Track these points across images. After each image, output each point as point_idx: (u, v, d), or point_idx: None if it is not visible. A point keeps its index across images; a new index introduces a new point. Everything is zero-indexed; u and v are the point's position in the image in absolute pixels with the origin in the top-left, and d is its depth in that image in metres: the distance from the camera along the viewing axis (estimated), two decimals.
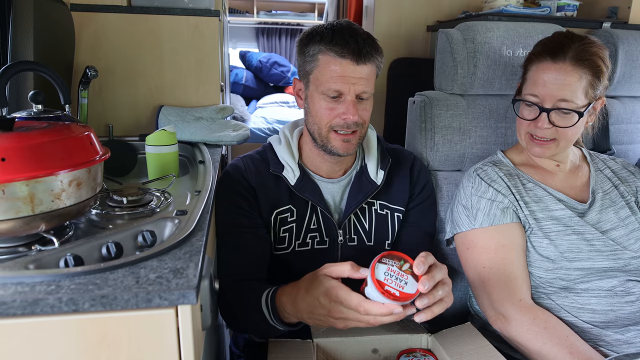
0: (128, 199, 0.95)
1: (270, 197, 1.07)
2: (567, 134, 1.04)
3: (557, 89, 1.01)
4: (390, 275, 0.75)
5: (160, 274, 0.59)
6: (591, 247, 1.03)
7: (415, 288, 0.74)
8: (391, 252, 0.78)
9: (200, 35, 1.47)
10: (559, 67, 1.01)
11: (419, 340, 0.99)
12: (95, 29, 1.41)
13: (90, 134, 0.78)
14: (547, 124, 1.03)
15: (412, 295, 0.74)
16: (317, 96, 1.00)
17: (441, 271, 0.80)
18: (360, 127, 1.02)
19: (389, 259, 0.77)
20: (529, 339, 0.97)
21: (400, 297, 0.73)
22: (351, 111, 0.98)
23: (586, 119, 1.06)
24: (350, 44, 0.95)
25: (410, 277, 0.75)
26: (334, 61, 0.96)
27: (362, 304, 0.74)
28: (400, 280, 0.75)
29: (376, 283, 0.74)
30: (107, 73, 1.44)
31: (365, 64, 0.96)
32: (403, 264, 0.77)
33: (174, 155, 1.18)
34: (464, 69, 1.28)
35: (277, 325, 0.89)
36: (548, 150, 1.06)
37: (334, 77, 0.96)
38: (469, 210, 1.10)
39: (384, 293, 0.73)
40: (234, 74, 4.23)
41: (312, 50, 0.99)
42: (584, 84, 1.01)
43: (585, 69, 1.01)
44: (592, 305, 1.02)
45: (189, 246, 0.68)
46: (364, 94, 0.99)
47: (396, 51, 1.87)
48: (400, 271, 0.76)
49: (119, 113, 1.49)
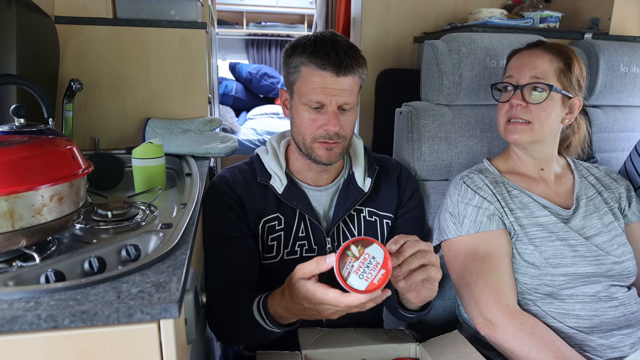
0: (113, 212, 0.94)
1: (257, 206, 1.07)
2: (540, 116, 1.07)
3: (529, 68, 1.09)
4: (357, 264, 0.73)
5: (142, 289, 0.58)
6: (575, 253, 1.04)
7: (381, 256, 0.73)
8: (355, 239, 0.74)
9: (187, 48, 1.47)
10: (532, 51, 1.12)
11: (407, 349, 0.98)
12: (80, 42, 1.40)
13: (73, 147, 0.77)
14: (521, 100, 1.08)
15: (385, 278, 0.72)
16: (300, 107, 1.01)
17: (417, 242, 0.82)
18: (343, 140, 1.03)
19: (355, 247, 0.74)
20: (516, 344, 0.97)
21: (373, 285, 0.72)
22: (332, 122, 0.99)
23: (561, 109, 1.10)
24: (331, 56, 0.96)
25: (367, 250, 0.73)
26: (315, 73, 0.97)
27: (340, 301, 0.73)
28: (370, 266, 0.72)
29: (342, 280, 0.72)
30: (93, 86, 1.43)
31: (345, 76, 0.97)
32: (369, 247, 0.74)
33: (160, 168, 1.17)
34: (450, 80, 1.29)
35: (274, 329, 0.89)
36: (524, 134, 1.09)
37: (315, 89, 0.97)
38: (455, 218, 1.11)
39: (352, 289, 0.72)
40: (224, 85, 4.23)
41: (295, 62, 1.00)
42: (555, 67, 1.08)
43: (555, 55, 1.10)
44: (576, 311, 1.03)
45: (172, 259, 0.67)
46: (346, 105, 1.00)
47: (384, 62, 1.89)
48: (360, 258, 0.73)
49: (106, 126, 1.48)
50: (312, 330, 1.01)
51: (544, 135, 1.10)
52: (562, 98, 1.09)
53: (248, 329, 0.91)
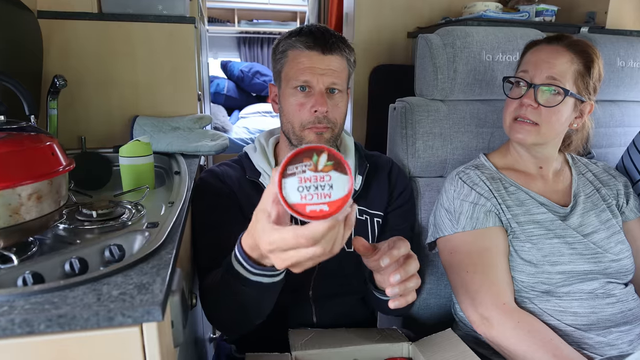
0: (98, 212, 0.91)
1: (249, 200, 1.04)
2: (550, 119, 1.03)
3: (547, 67, 1.03)
4: (307, 187, 0.53)
5: (124, 290, 0.55)
6: (572, 251, 1.02)
7: (347, 185, 0.53)
8: (294, 153, 0.53)
9: (174, 43, 1.44)
10: (553, 47, 1.05)
11: (400, 349, 0.96)
12: (64, 37, 1.36)
13: (53, 144, 0.74)
14: (532, 100, 1.03)
15: (346, 198, 0.53)
16: (288, 92, 1.01)
17: (415, 263, 0.74)
18: (333, 125, 1.01)
19: (297, 164, 0.53)
20: (513, 342, 0.96)
21: (331, 210, 0.52)
22: (320, 101, 0.98)
23: (571, 113, 1.06)
24: (317, 35, 0.98)
25: (332, 173, 0.53)
26: (302, 54, 0.98)
27: (299, 236, 0.54)
28: (323, 186, 0.53)
29: (293, 209, 0.53)
30: (78, 83, 1.39)
31: (332, 54, 0.99)
32: (318, 160, 0.53)
33: (148, 166, 1.14)
34: (444, 74, 1.27)
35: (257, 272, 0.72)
36: (530, 135, 1.05)
37: (301, 69, 0.98)
38: (451, 214, 1.08)
39: (311, 217, 0.52)
40: (215, 84, 4.19)
41: (281, 47, 1.02)
42: (573, 69, 1.03)
43: (577, 54, 1.04)
44: (574, 308, 1.01)
45: (157, 260, 0.64)
46: (334, 85, 1.00)
47: (377, 58, 1.86)
48: (318, 173, 0.53)
49: (92, 124, 1.45)
50: (302, 331, 0.99)
51: (549, 139, 1.08)
52: (575, 102, 1.05)
53: (231, 287, 0.75)
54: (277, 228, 0.56)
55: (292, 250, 0.55)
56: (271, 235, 0.56)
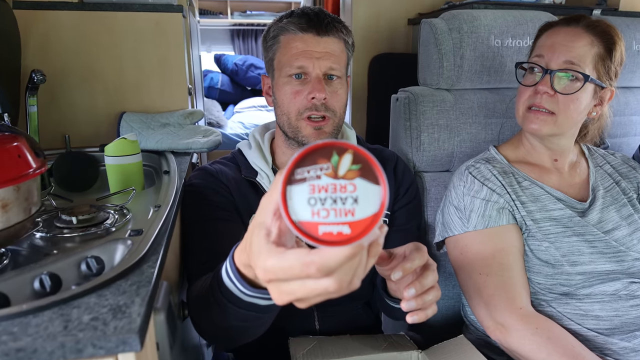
0: (78, 218, 0.83)
1: (246, 200, 0.97)
2: (568, 108, 0.95)
3: (565, 50, 0.94)
4: (322, 200, 0.38)
5: (96, 315, 0.48)
6: (593, 249, 0.95)
7: (378, 199, 0.38)
8: (306, 150, 0.38)
9: (162, 33, 1.35)
10: (571, 29, 0.96)
11: (409, 357, 0.90)
12: (44, 29, 1.28)
13: (20, 145, 0.66)
14: (549, 87, 0.95)
15: (376, 217, 0.38)
16: (282, 81, 0.93)
17: (433, 274, 0.65)
18: (332, 115, 0.93)
19: (309, 167, 0.38)
20: (532, 350, 0.88)
21: (354, 234, 0.38)
22: (317, 87, 0.90)
23: (590, 101, 0.98)
24: (310, 16, 0.90)
25: (358, 182, 0.38)
26: (295, 37, 0.91)
27: (307, 263, 0.38)
28: (344, 200, 0.38)
29: (300, 230, 0.38)
30: (60, 78, 1.31)
31: (328, 36, 0.91)
32: (339, 162, 0.39)
33: (136, 166, 1.07)
34: (450, 62, 1.19)
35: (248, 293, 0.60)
36: (545, 125, 0.97)
37: (295, 54, 0.90)
38: (461, 212, 1.01)
39: (325, 241, 0.38)
40: (209, 78, 4.09)
41: (272, 32, 0.94)
42: (594, 53, 0.95)
43: (598, 36, 0.95)
44: (595, 312, 0.94)
45: (137, 275, 0.57)
46: (332, 70, 0.92)
47: (376, 47, 1.78)
48: (338, 181, 0.38)
49: (77, 122, 1.36)
50: (304, 340, 0.92)
51: (566, 129, 0.99)
52: (595, 88, 0.97)
53: (221, 306, 0.64)
54: (277, 251, 0.40)
55: (297, 281, 0.40)
56: (269, 259, 0.40)
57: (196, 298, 0.75)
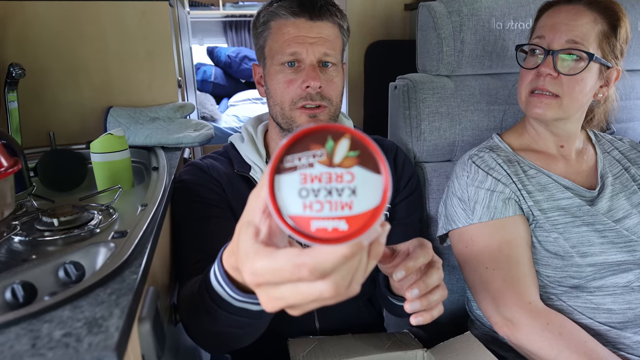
0: (60, 219, 0.78)
1: (240, 196, 0.92)
2: (573, 90, 0.91)
3: (567, 29, 0.90)
4: (315, 191, 0.33)
5: (69, 330, 0.43)
6: (603, 239, 0.91)
7: (379, 190, 0.33)
8: (297, 134, 0.34)
9: (148, 23, 1.29)
10: (572, 7, 0.91)
11: (414, 356, 0.86)
12: (22, 21, 1.21)
13: None
14: (552, 69, 0.90)
15: (377, 211, 0.33)
16: (274, 69, 0.88)
17: (437, 273, 0.60)
18: (328, 103, 0.89)
19: (300, 153, 0.34)
20: (543, 347, 0.85)
21: (352, 230, 0.33)
22: (312, 75, 0.85)
23: (596, 82, 0.93)
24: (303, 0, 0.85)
25: (357, 170, 0.33)
26: (286, 23, 0.86)
27: (299, 265, 0.33)
28: (340, 191, 0.33)
29: (290, 226, 0.33)
30: (42, 72, 1.25)
31: (322, 20, 0.86)
32: (334, 148, 0.34)
33: (124, 162, 1.02)
34: (450, 47, 1.14)
35: (238, 298, 0.56)
36: (549, 109, 0.92)
37: (287, 40, 0.85)
38: (465, 203, 0.96)
39: (319, 239, 0.33)
40: (202, 71, 4.02)
41: (262, 18, 0.89)
42: (597, 31, 0.90)
43: (601, 13, 0.90)
44: (607, 305, 0.90)
45: (118, 282, 0.52)
46: (327, 57, 0.87)
47: (372, 34, 1.72)
48: (334, 169, 0.33)
49: (62, 118, 1.31)
50: (304, 340, 0.89)
51: (572, 112, 0.95)
52: (600, 68, 0.92)
53: (211, 312, 0.60)
54: (266, 251, 0.35)
55: (288, 285, 0.35)
56: (257, 261, 0.35)
57: (185, 301, 0.71)
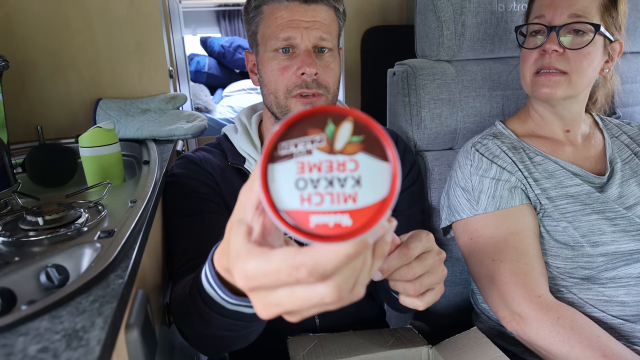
0: (45, 218, 0.74)
1: (234, 190, 0.88)
2: (581, 64, 0.87)
3: (567, 4, 0.86)
4: (314, 181, 0.29)
5: (46, 344, 0.39)
6: (615, 228, 0.87)
7: (387, 179, 0.29)
8: (293, 117, 0.29)
9: (137, 13, 1.24)
10: None
11: (419, 354, 0.83)
12: (6, 12, 1.16)
13: None
14: (557, 45, 0.86)
15: (384, 203, 0.29)
16: (267, 56, 0.84)
17: (428, 258, 0.52)
18: (325, 91, 0.85)
19: (296, 139, 0.29)
20: (554, 342, 0.81)
21: (356, 225, 0.29)
22: (307, 61, 0.81)
23: (602, 57, 0.90)
24: None
25: (361, 157, 0.29)
26: (280, 6, 0.81)
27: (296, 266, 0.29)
28: (342, 181, 0.29)
29: (285, 222, 0.29)
30: (28, 65, 1.20)
31: (317, 3, 0.82)
32: (335, 132, 0.29)
33: (114, 156, 0.98)
34: (450, 30, 1.09)
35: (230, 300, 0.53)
36: (559, 87, 0.88)
37: (281, 25, 0.81)
38: (469, 193, 0.93)
39: (319, 236, 0.29)
40: (195, 62, 3.95)
41: (254, 2, 0.84)
42: (598, 3, 0.86)
43: None
44: (620, 297, 0.86)
45: (102, 288, 0.48)
46: (323, 42, 0.83)
47: (369, 20, 1.67)
48: (335, 156, 0.29)
49: (50, 112, 1.26)
50: (304, 338, 0.85)
51: (580, 90, 0.90)
52: (604, 42, 0.89)
53: (203, 315, 0.57)
54: (260, 252, 0.31)
55: (285, 289, 0.31)
56: (249, 262, 0.31)
57: (177, 302, 0.67)
